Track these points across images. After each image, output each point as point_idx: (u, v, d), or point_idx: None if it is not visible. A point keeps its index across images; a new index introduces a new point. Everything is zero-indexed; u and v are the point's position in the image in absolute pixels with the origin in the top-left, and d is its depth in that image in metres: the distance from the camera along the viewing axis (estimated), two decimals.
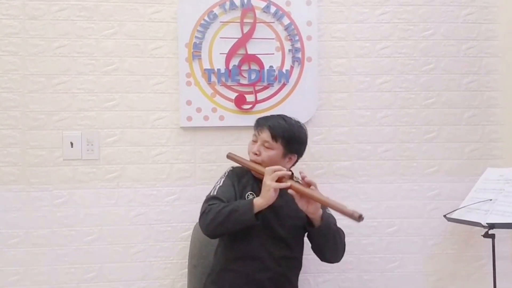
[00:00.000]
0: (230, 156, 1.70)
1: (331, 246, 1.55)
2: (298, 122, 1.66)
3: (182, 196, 1.91)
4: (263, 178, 1.51)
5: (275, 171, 1.49)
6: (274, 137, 1.58)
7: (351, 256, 1.95)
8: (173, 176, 1.92)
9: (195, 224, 1.84)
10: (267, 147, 1.59)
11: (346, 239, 1.58)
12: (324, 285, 1.95)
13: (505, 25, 2.00)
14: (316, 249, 1.59)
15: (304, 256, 1.65)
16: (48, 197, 1.86)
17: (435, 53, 2.00)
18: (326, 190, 1.63)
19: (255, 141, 1.63)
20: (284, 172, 1.49)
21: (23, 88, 1.87)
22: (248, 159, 1.65)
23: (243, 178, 1.65)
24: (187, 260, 1.82)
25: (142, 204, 1.90)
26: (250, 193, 1.61)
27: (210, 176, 1.91)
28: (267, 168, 1.51)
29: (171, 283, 1.91)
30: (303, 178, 1.50)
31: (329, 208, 1.51)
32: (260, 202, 1.46)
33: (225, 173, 1.68)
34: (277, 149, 1.59)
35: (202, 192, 1.68)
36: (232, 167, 1.72)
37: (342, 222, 1.57)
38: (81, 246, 1.87)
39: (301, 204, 1.48)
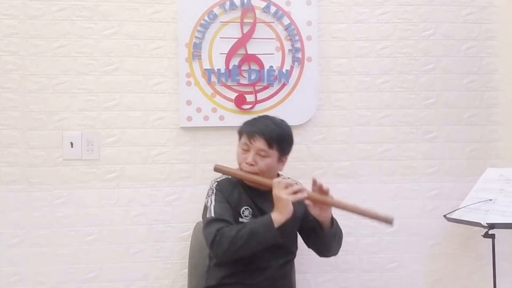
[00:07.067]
0: (219, 169, 1.56)
1: (336, 244, 1.57)
2: (283, 121, 1.60)
3: (182, 196, 1.91)
4: (258, 188, 1.50)
5: (287, 186, 1.43)
6: (270, 144, 1.50)
7: (351, 256, 1.95)
8: (173, 176, 1.92)
9: (195, 224, 1.84)
10: (263, 156, 1.51)
11: (346, 239, 1.59)
12: (324, 285, 1.95)
13: (505, 25, 2.00)
14: (320, 248, 1.59)
15: (303, 256, 1.65)
16: (48, 197, 1.86)
17: (435, 53, 2.00)
18: None
19: (246, 150, 1.53)
20: (299, 187, 1.45)
21: (23, 88, 1.87)
22: (237, 168, 1.57)
23: (234, 193, 1.56)
24: (187, 260, 1.82)
25: (142, 204, 1.90)
26: (246, 208, 1.54)
27: (210, 176, 1.87)
28: (275, 180, 1.45)
29: (171, 283, 1.90)
30: (320, 186, 1.46)
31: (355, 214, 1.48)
32: (280, 218, 1.40)
33: (213, 191, 1.56)
34: (273, 156, 1.52)
35: (202, 192, 1.67)
36: (217, 182, 1.60)
37: (340, 222, 1.57)
38: (81, 246, 1.87)
39: (315, 211, 1.47)
